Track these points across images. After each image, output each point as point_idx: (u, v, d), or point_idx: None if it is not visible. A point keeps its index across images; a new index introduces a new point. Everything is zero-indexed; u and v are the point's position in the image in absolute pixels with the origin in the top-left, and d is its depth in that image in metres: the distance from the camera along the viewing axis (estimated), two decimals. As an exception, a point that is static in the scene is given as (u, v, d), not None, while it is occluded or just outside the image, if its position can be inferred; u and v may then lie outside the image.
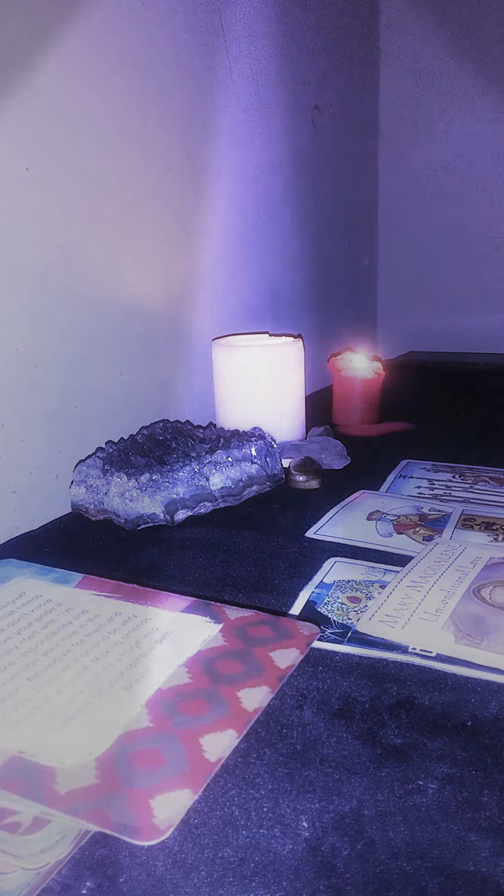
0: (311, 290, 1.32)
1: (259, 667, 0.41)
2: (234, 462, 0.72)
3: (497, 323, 1.56)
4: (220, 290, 1.01)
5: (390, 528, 0.66)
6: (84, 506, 0.70)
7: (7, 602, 0.49)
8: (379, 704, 0.41)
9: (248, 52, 1.02)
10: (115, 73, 0.77)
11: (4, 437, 0.67)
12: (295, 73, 1.17)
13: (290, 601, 0.53)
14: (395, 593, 0.52)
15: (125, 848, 0.32)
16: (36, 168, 0.68)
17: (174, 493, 0.68)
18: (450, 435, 0.98)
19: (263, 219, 1.12)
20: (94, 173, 0.75)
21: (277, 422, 0.86)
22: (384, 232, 1.64)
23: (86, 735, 0.36)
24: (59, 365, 0.73)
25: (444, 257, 1.59)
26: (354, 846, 0.32)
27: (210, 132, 0.95)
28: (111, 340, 0.80)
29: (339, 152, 1.39)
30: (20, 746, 0.35)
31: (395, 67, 1.54)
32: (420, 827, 0.33)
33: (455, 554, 0.59)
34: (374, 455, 0.89)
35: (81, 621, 0.47)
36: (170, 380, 0.91)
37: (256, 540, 0.64)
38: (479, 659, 0.44)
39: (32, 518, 0.71)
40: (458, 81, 1.49)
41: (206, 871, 0.31)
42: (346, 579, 0.56)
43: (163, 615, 0.47)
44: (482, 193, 1.52)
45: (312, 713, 0.41)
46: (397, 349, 1.64)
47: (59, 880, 0.30)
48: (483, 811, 0.33)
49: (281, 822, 0.33)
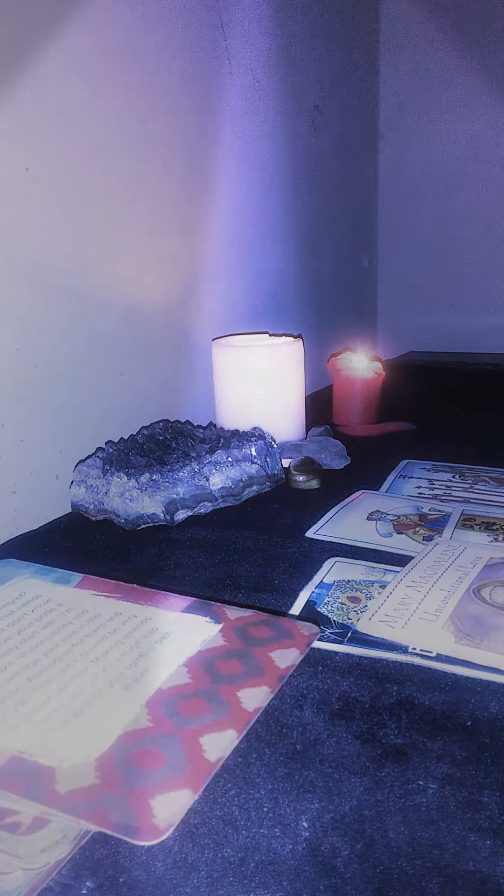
0: (311, 290, 1.32)
1: (259, 667, 0.41)
2: (234, 462, 0.72)
3: (497, 323, 1.56)
4: (220, 290, 1.01)
5: (390, 528, 0.66)
6: (84, 506, 0.70)
7: (7, 602, 0.49)
8: (379, 704, 0.41)
9: (248, 52, 1.02)
10: (115, 72, 0.77)
11: (4, 437, 0.67)
12: (295, 73, 1.17)
13: (290, 601, 0.53)
14: (395, 593, 0.52)
15: (125, 848, 0.32)
16: (36, 168, 0.68)
17: (174, 493, 0.68)
18: (450, 435, 0.98)
19: (263, 219, 1.12)
20: (94, 173, 0.75)
21: (277, 422, 0.86)
22: (384, 232, 1.64)
23: (86, 735, 0.36)
24: (59, 365, 0.73)
25: (444, 257, 1.59)
26: (354, 846, 0.32)
27: (210, 132, 0.95)
28: (111, 340, 0.80)
29: (339, 152, 1.39)
30: (20, 746, 0.35)
31: (395, 67, 1.54)
32: (420, 827, 0.33)
33: (455, 554, 0.59)
34: (374, 455, 0.89)
35: (81, 621, 0.47)
36: (170, 380, 0.91)
37: (256, 540, 0.64)
38: (479, 659, 0.44)
39: (32, 518, 0.71)
40: (458, 81, 1.49)
41: (206, 871, 0.31)
42: (346, 579, 0.56)
43: (163, 615, 0.47)
44: (482, 193, 1.52)
45: (312, 713, 0.41)
46: (397, 349, 1.64)
47: (59, 880, 0.30)
48: (483, 811, 0.33)
49: (281, 822, 0.33)
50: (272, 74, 1.10)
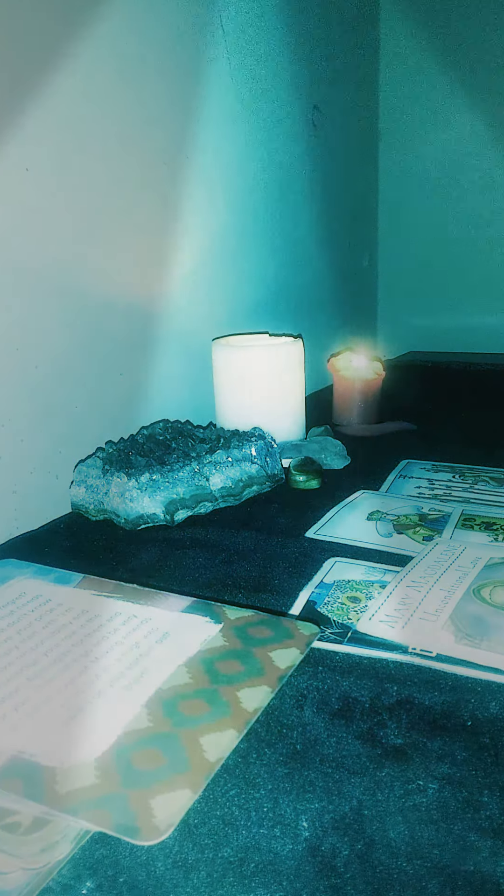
0: (311, 290, 1.32)
1: (259, 667, 0.41)
2: (234, 462, 0.72)
3: (497, 323, 1.56)
4: (219, 290, 1.01)
5: (390, 528, 0.66)
6: (84, 506, 0.70)
7: (7, 602, 0.49)
8: (379, 704, 0.41)
9: (248, 52, 1.02)
10: (115, 72, 0.77)
11: (4, 437, 0.67)
12: (295, 73, 1.17)
13: (290, 601, 0.53)
14: (395, 593, 0.52)
15: (125, 848, 0.32)
16: (36, 168, 0.68)
17: (174, 493, 0.68)
18: (450, 435, 0.98)
19: (263, 219, 1.12)
20: (93, 173, 0.75)
21: (277, 422, 0.86)
22: (384, 232, 1.64)
23: (86, 735, 0.36)
24: (59, 365, 0.73)
25: (444, 257, 1.59)
26: (354, 846, 0.32)
27: (209, 132, 0.95)
28: (111, 340, 0.80)
29: (339, 152, 1.39)
30: (20, 746, 0.35)
31: (395, 67, 1.54)
32: (420, 827, 0.33)
33: (455, 554, 0.59)
34: (374, 455, 0.89)
35: (81, 621, 0.47)
36: (170, 380, 0.91)
37: (256, 540, 0.64)
38: (479, 659, 0.44)
39: (32, 518, 0.71)
40: (458, 81, 1.49)
41: (206, 871, 0.31)
42: (346, 579, 0.56)
43: (163, 615, 0.47)
44: (482, 193, 1.52)
45: (312, 713, 0.41)
46: (397, 349, 1.64)
47: (59, 880, 0.30)
48: (483, 811, 0.33)
49: (281, 822, 0.33)
50: (272, 75, 1.10)
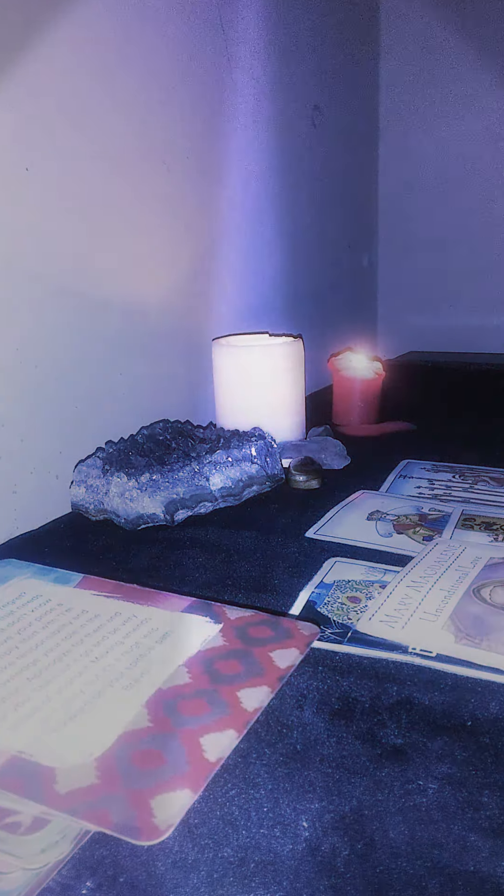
0: (311, 290, 1.32)
1: (259, 667, 0.41)
2: (234, 462, 0.72)
3: (497, 323, 1.56)
4: (220, 290, 1.01)
5: (390, 528, 0.66)
6: (84, 506, 0.70)
7: (7, 602, 0.49)
8: (379, 704, 0.41)
9: (249, 52, 1.02)
10: (116, 72, 0.77)
11: (4, 437, 0.67)
12: (295, 72, 1.17)
13: (290, 601, 0.53)
14: (395, 593, 0.52)
15: (125, 848, 0.32)
16: (36, 168, 0.68)
17: (174, 493, 0.68)
18: (450, 435, 0.98)
19: (263, 219, 1.12)
20: (94, 173, 0.75)
21: (277, 422, 0.86)
22: (384, 232, 1.64)
23: (86, 735, 0.36)
24: (59, 365, 0.73)
25: (444, 257, 1.58)
26: (354, 846, 0.32)
27: (210, 132, 0.95)
28: (111, 340, 0.80)
29: (339, 152, 1.39)
30: (20, 746, 0.35)
31: (396, 66, 1.54)
32: (420, 827, 0.33)
33: (455, 554, 0.59)
34: (374, 455, 0.89)
35: (81, 621, 0.47)
36: (170, 380, 0.91)
37: (256, 540, 0.64)
38: (479, 659, 0.44)
39: (32, 518, 0.71)
40: (458, 81, 1.49)
41: (206, 871, 0.31)
42: (346, 579, 0.56)
43: (163, 615, 0.47)
44: (482, 193, 1.52)
45: (312, 713, 0.41)
46: (397, 349, 1.64)
47: (59, 880, 0.30)
48: (483, 811, 0.33)
49: (281, 822, 0.33)
50: (272, 74, 1.10)
